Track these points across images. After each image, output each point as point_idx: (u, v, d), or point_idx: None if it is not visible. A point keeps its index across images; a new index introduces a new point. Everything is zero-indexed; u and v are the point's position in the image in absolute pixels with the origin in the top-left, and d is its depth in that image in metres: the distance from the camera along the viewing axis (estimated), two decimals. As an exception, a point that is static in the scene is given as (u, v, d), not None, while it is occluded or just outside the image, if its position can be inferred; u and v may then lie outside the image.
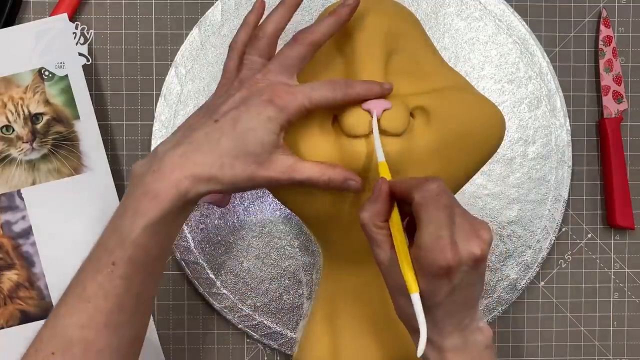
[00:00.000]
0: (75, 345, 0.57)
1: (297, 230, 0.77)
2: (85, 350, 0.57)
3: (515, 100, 0.78)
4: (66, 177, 0.75)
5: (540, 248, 0.78)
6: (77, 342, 0.57)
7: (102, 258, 0.58)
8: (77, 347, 0.57)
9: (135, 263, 0.57)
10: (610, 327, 0.81)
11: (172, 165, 0.58)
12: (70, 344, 0.57)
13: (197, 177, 0.58)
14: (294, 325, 0.77)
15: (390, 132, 0.63)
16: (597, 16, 0.80)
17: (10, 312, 0.75)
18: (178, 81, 0.77)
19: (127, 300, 0.58)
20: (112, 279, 0.57)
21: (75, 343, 0.57)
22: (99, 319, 0.57)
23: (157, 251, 0.59)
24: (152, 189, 0.57)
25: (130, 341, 0.60)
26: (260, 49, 0.63)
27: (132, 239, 0.57)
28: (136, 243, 0.57)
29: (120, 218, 0.58)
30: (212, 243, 0.77)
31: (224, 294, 0.77)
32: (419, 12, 0.77)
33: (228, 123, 0.59)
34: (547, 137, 0.78)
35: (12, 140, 0.74)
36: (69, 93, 0.75)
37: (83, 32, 0.75)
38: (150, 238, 0.57)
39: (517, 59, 0.78)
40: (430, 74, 0.68)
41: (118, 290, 0.57)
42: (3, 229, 0.75)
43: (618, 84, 0.80)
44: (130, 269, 0.57)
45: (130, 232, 0.57)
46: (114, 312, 0.57)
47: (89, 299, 0.57)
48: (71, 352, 0.57)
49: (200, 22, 0.77)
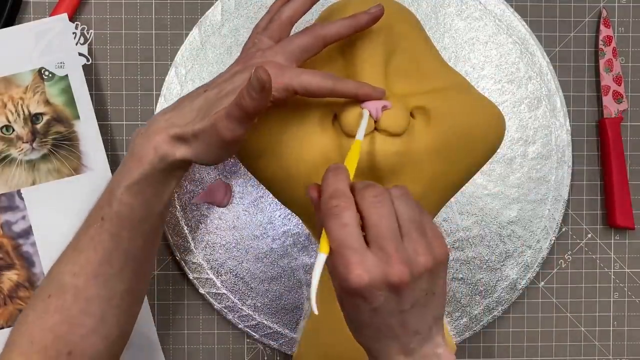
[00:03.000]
0: (67, 291, 0.62)
1: (297, 230, 0.77)
2: (76, 296, 0.61)
3: (515, 100, 0.78)
4: (66, 177, 0.75)
5: (540, 248, 0.78)
6: (69, 288, 0.62)
7: (94, 213, 0.63)
8: (68, 293, 0.62)
9: (120, 219, 0.61)
10: (610, 327, 0.81)
11: (157, 129, 0.61)
12: (63, 289, 0.62)
13: (173, 137, 0.60)
14: (294, 325, 0.77)
15: (391, 132, 0.63)
16: (597, 16, 0.80)
17: (10, 312, 0.75)
18: (178, 81, 0.77)
19: (115, 254, 0.62)
20: (101, 232, 0.62)
21: (67, 289, 0.62)
22: (89, 268, 0.62)
23: (142, 211, 0.62)
24: (137, 151, 0.61)
25: (121, 295, 0.63)
26: (271, 31, 0.65)
27: (117, 197, 0.61)
28: (120, 201, 0.61)
29: (115, 176, 0.62)
30: (212, 243, 0.77)
31: (224, 294, 0.77)
32: (419, 12, 0.77)
33: (213, 93, 0.61)
34: (547, 137, 0.78)
35: (12, 140, 0.74)
36: (69, 93, 0.75)
37: (83, 32, 0.75)
38: (134, 197, 0.61)
39: (517, 59, 0.78)
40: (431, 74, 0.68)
41: (106, 245, 0.62)
42: (3, 229, 0.75)
43: (618, 84, 0.80)
44: (116, 224, 0.62)
45: (116, 190, 0.61)
46: (103, 264, 0.62)
47: (81, 249, 0.62)
48: (64, 296, 0.62)
49: (200, 22, 0.77)
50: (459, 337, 0.78)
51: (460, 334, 0.78)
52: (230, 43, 0.77)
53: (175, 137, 0.61)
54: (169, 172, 0.62)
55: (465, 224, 0.78)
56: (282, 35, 0.65)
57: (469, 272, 0.78)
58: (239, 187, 0.77)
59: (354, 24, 0.63)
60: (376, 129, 0.64)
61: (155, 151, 0.61)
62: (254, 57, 0.63)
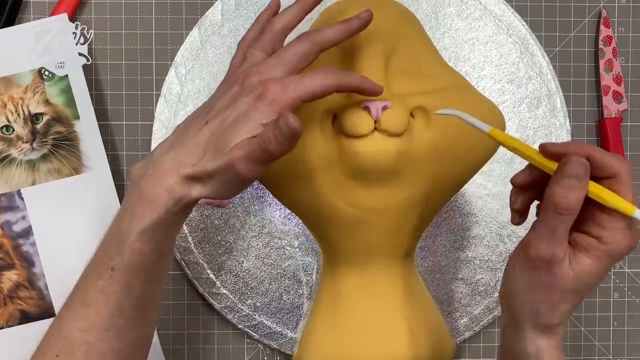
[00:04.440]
0: (77, 349, 0.58)
1: (297, 230, 0.77)
2: (87, 353, 0.58)
3: (515, 100, 0.78)
4: (66, 177, 0.75)
5: (540, 248, 0.78)
6: (78, 345, 0.58)
7: (103, 263, 0.58)
8: (79, 351, 0.58)
9: (133, 268, 0.57)
10: (610, 327, 0.81)
11: (164, 170, 0.57)
12: (73, 347, 0.58)
13: (185, 178, 0.57)
14: (294, 325, 0.77)
15: (391, 132, 0.63)
16: (597, 16, 0.80)
17: (10, 312, 0.75)
18: (178, 81, 0.77)
19: (127, 304, 0.58)
20: (112, 284, 0.57)
21: (77, 346, 0.58)
22: (100, 323, 0.58)
23: (155, 256, 0.58)
24: (146, 194, 0.57)
25: (133, 344, 0.60)
26: (264, 44, 0.61)
27: (129, 245, 0.57)
28: (133, 249, 0.57)
29: (120, 222, 0.58)
30: (212, 243, 0.77)
31: (224, 294, 0.77)
32: (419, 12, 0.77)
33: (217, 123, 0.57)
34: (547, 137, 0.78)
35: (12, 140, 0.74)
36: (69, 93, 0.75)
37: (83, 32, 0.75)
38: (146, 243, 0.57)
39: (517, 59, 0.78)
40: (430, 74, 0.68)
41: (118, 296, 0.57)
42: (3, 229, 0.75)
43: (618, 84, 0.80)
44: (128, 274, 0.57)
45: (127, 237, 0.57)
46: (115, 317, 0.58)
47: (90, 303, 0.58)
48: (73, 355, 0.58)
49: (200, 22, 0.77)
50: (459, 337, 0.78)
51: (460, 334, 0.78)
52: (230, 43, 0.77)
53: (188, 177, 0.56)
54: (182, 212, 0.58)
55: (465, 224, 0.78)
56: (275, 48, 0.61)
57: (469, 272, 0.78)
58: (239, 187, 0.77)
59: (349, 29, 0.61)
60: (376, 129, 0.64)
61: (169, 194, 0.56)
62: (249, 75, 0.59)
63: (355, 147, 0.63)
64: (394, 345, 0.71)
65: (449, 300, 0.78)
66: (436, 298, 0.77)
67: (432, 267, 0.78)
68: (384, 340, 0.71)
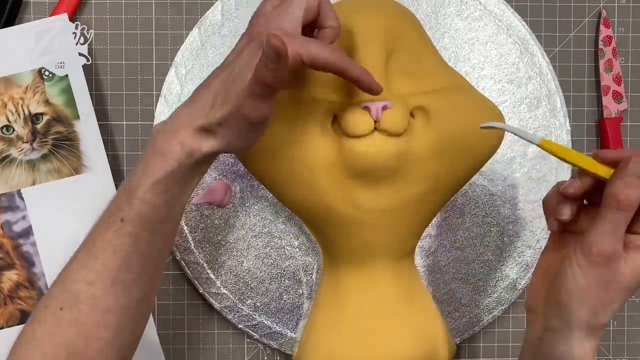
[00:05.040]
0: (82, 302, 0.57)
1: (297, 230, 0.77)
2: (92, 307, 0.57)
3: (515, 100, 0.78)
4: (66, 177, 0.75)
5: (540, 248, 0.78)
6: (84, 298, 0.57)
7: (112, 214, 0.59)
8: (84, 304, 0.57)
9: (142, 220, 0.58)
10: (610, 327, 0.81)
11: (179, 124, 0.59)
12: (78, 300, 0.57)
13: (197, 130, 0.58)
14: (294, 325, 0.77)
15: (391, 132, 0.63)
16: (597, 16, 0.80)
17: (10, 312, 0.75)
18: (178, 81, 0.77)
19: (134, 259, 0.58)
20: (120, 235, 0.58)
21: (82, 299, 0.57)
22: (106, 275, 0.58)
23: (164, 210, 0.59)
24: (160, 148, 0.58)
25: (137, 303, 0.60)
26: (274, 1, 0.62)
27: (139, 196, 0.58)
28: (143, 200, 0.58)
29: (132, 176, 0.59)
30: (212, 243, 0.77)
31: (224, 294, 0.77)
32: (419, 12, 0.77)
33: (225, 75, 0.59)
34: (547, 137, 0.78)
35: (12, 140, 0.74)
36: (69, 93, 0.75)
37: (83, 32, 0.75)
38: (157, 195, 0.58)
39: (517, 59, 0.78)
40: (430, 74, 0.69)
41: (126, 248, 0.58)
42: (3, 229, 0.75)
43: (618, 84, 0.80)
44: (137, 226, 0.58)
45: (139, 188, 0.58)
46: (122, 270, 0.58)
47: (98, 254, 0.58)
48: (78, 307, 0.57)
49: (200, 22, 0.77)
50: (459, 337, 0.78)
51: (460, 334, 0.78)
52: (230, 43, 0.77)
53: (199, 129, 0.58)
54: (195, 167, 0.59)
55: (465, 224, 0.78)
56: None
57: (469, 272, 0.78)
58: (239, 187, 0.77)
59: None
60: (376, 129, 0.64)
61: (182, 147, 0.58)
62: (256, 25, 0.61)
63: (355, 147, 0.63)
64: (394, 345, 0.71)
65: (449, 300, 0.78)
66: (436, 298, 0.77)
67: (432, 267, 0.78)
68: (384, 340, 0.71)
